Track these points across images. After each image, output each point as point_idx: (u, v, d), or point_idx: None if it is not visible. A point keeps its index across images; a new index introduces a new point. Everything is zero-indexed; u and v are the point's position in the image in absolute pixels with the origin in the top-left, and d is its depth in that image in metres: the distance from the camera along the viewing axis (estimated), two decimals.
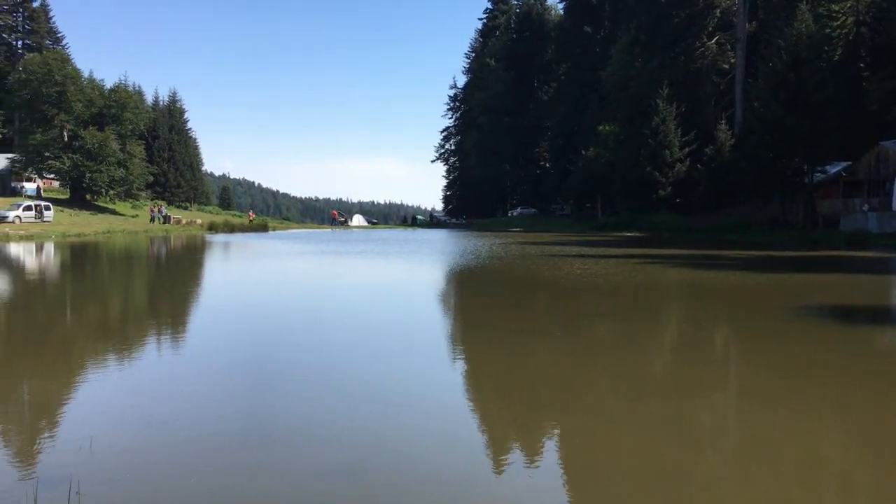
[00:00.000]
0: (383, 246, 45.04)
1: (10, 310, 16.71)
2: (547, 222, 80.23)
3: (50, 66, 70.08)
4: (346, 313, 16.02)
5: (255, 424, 7.36)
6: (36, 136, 69.29)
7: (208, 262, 34.11)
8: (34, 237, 47.08)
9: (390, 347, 11.75)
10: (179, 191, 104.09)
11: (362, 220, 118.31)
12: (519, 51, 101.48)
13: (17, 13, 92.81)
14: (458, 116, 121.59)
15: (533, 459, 6.49)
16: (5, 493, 5.43)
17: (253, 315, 15.70)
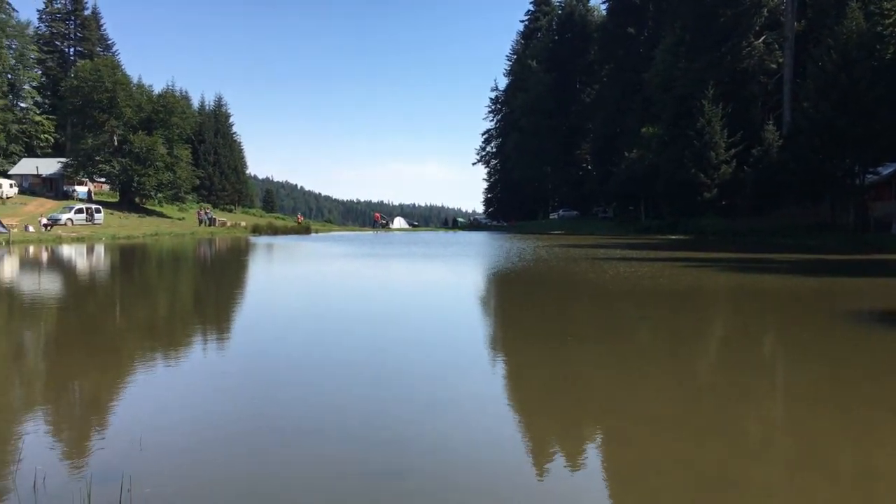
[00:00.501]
0: (427, 248, 45.14)
1: (64, 310, 17.15)
2: (589, 225, 79.50)
3: (100, 73, 71.87)
4: (391, 314, 16.06)
5: (300, 424, 7.42)
6: (87, 141, 71.12)
7: (254, 264, 34.58)
8: (85, 239, 48.28)
9: (435, 349, 11.73)
10: (224, 194, 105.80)
11: (403, 222, 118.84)
12: (561, 52, 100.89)
13: (70, 21, 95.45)
14: (500, 119, 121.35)
15: (576, 463, 6.41)
16: (61, 487, 5.56)
17: (299, 316, 15.84)
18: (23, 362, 11.28)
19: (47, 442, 6.89)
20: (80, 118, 73.41)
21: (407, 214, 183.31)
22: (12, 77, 79.98)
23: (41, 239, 44.96)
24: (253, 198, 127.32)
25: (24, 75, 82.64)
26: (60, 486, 5.59)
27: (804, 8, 67.68)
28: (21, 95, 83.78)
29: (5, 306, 17.44)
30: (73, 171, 73.56)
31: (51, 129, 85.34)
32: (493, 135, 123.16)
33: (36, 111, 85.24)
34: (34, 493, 5.44)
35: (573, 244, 47.17)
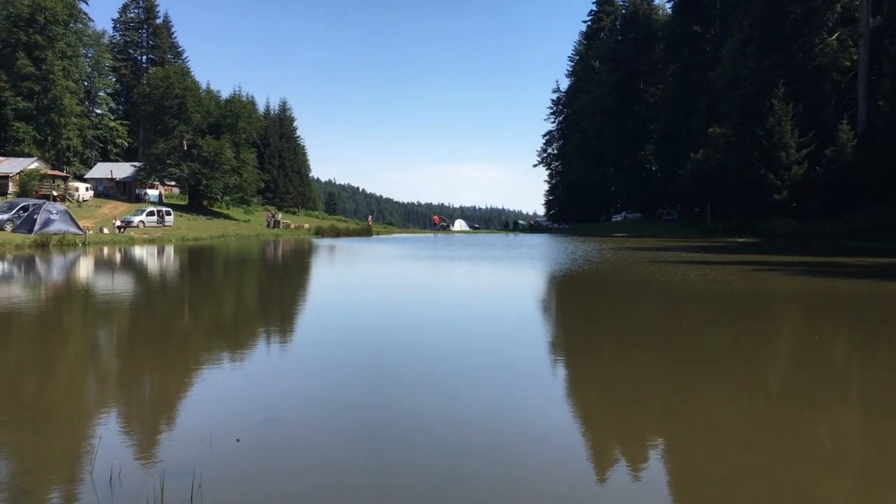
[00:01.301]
0: (490, 250, 45.07)
1: (136, 308, 17.67)
2: (652, 227, 78.06)
3: (170, 80, 74.14)
4: (457, 316, 16.04)
5: (366, 424, 7.44)
6: (158, 145, 73.43)
7: (318, 266, 35.08)
8: (156, 241, 49.79)
9: (496, 350, 11.65)
10: (288, 196, 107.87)
11: (464, 224, 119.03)
12: (624, 52, 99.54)
13: (143, 30, 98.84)
14: (561, 120, 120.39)
15: (637, 470, 6.27)
16: (135, 482, 5.68)
17: (364, 317, 15.96)
18: (98, 360, 11.65)
19: (122, 438, 7.06)
20: (151, 124, 75.85)
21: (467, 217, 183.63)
22: (89, 84, 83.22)
23: (115, 240, 46.55)
24: (315, 200, 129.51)
25: (99, 83, 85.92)
26: (135, 481, 5.72)
27: (880, 3, 65.06)
28: (97, 102, 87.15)
29: (81, 305, 18.07)
30: (144, 175, 76.00)
31: (124, 135, 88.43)
32: (554, 136, 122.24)
33: (111, 117, 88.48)
34: (110, 486, 5.58)
35: (638, 247, 46.38)
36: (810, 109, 64.29)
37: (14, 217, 42.79)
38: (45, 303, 18.41)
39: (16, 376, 9.93)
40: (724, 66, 70.30)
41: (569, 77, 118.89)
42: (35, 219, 42.05)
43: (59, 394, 9.17)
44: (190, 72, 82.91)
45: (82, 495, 5.47)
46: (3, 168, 61.65)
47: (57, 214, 43.72)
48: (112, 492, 5.49)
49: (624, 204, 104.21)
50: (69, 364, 11.13)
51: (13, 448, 6.71)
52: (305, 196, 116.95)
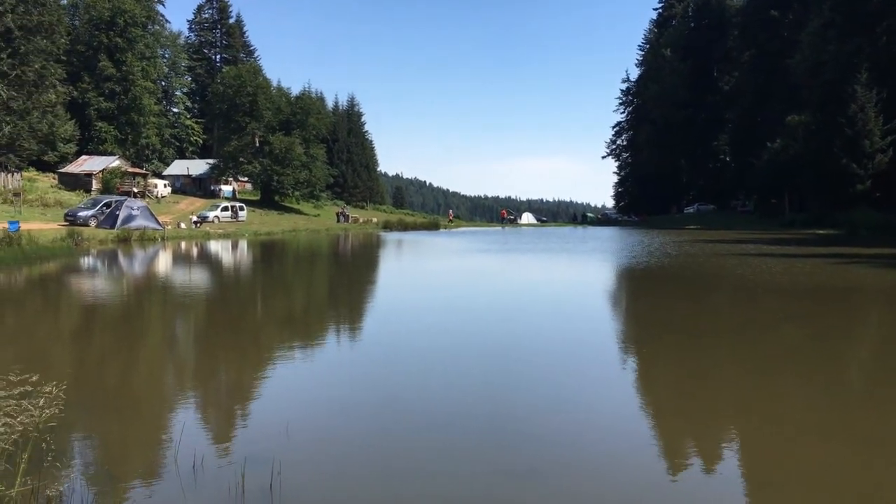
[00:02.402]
0: (563, 244, 44.65)
1: (212, 301, 18.14)
2: (727, 219, 75.74)
3: (243, 79, 75.90)
4: (526, 309, 15.89)
5: (438, 415, 7.43)
6: (232, 142, 75.29)
7: (389, 259, 35.37)
8: (230, 235, 51.10)
9: (568, 343, 11.48)
10: (356, 191, 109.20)
11: (531, 217, 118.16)
12: (697, 40, 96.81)
13: (216, 30, 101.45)
14: (631, 111, 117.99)
15: (712, 468, 6.12)
16: (216, 469, 5.80)
17: (435, 309, 15.97)
18: (177, 351, 11.97)
19: (203, 426, 7.22)
20: (225, 121, 77.84)
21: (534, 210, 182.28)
22: (166, 84, 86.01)
23: (191, 235, 47.97)
24: (383, 195, 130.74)
25: (176, 82, 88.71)
26: (216, 468, 5.83)
27: None
28: (173, 101, 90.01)
29: (161, 298, 18.64)
30: (219, 172, 78.09)
31: (199, 133, 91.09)
32: (624, 127, 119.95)
33: (186, 116, 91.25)
34: (193, 472, 5.69)
35: (715, 239, 45.14)
36: (895, 95, 61.20)
37: (98, 213, 44.55)
38: (127, 296, 19.07)
39: (101, 366, 10.28)
40: (804, 52, 67.54)
41: (639, 66, 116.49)
42: (117, 215, 43.70)
43: (141, 383, 9.44)
44: (261, 70, 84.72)
45: (168, 481, 5.60)
46: (87, 166, 64.32)
47: (138, 210, 45.35)
48: (195, 478, 5.60)
49: (696, 195, 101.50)
50: (150, 355, 11.47)
51: (100, 435, 6.92)
52: (373, 190, 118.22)
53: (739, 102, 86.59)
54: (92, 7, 72.27)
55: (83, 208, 45.70)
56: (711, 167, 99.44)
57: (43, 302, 17.77)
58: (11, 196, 49.02)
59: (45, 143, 62.90)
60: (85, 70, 71.32)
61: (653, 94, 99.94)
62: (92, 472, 5.87)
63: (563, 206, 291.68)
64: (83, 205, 47.29)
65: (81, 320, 14.68)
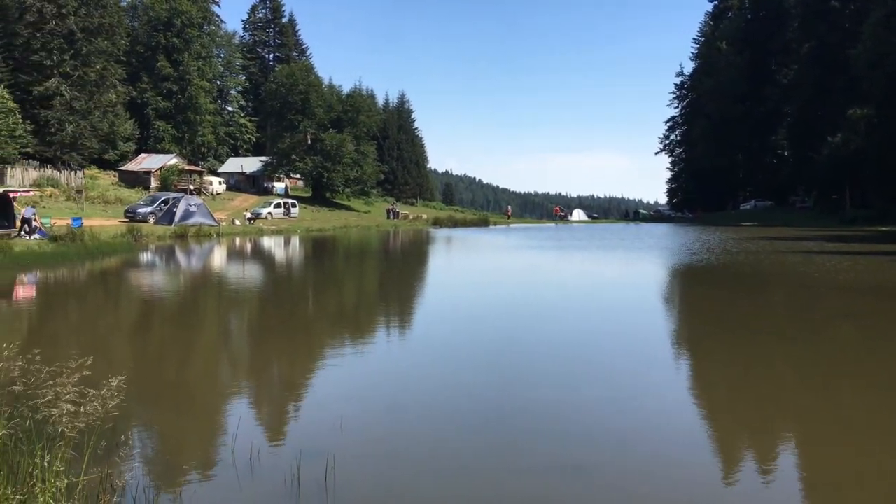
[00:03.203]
0: (618, 240, 44.18)
1: (266, 296, 18.41)
2: (785, 215, 73.73)
3: (295, 77, 76.88)
4: (583, 307, 15.73)
5: (490, 414, 7.40)
6: (284, 140, 76.38)
7: (440, 255, 35.43)
8: (283, 231, 51.86)
9: (623, 341, 11.31)
10: (406, 187, 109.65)
11: (582, 214, 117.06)
12: (754, 32, 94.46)
13: (270, 29, 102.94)
14: (685, 105, 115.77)
15: (768, 469, 5.99)
16: (272, 462, 5.88)
17: (486, 306, 15.91)
18: (234, 345, 12.18)
19: (259, 419, 7.32)
20: (278, 119, 78.97)
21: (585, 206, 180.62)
22: (221, 83, 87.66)
23: (246, 231, 48.82)
24: (433, 191, 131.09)
25: (230, 81, 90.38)
26: (272, 461, 5.90)
27: None
28: (228, 100, 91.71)
29: (217, 293, 19.00)
30: (272, 169, 79.28)
31: (253, 131, 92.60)
32: (677, 122, 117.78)
33: (241, 114, 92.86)
34: (250, 464, 5.77)
35: (774, 236, 44.04)
36: None
37: (156, 210, 45.66)
38: (184, 290, 19.49)
39: (159, 358, 10.51)
40: (866, 43, 65.25)
41: (693, 60, 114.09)
42: (175, 211, 44.72)
43: (198, 376, 9.62)
44: (313, 68, 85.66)
45: (225, 472, 5.68)
46: (145, 164, 65.98)
47: (195, 207, 46.34)
48: (252, 470, 5.67)
49: (753, 191, 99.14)
50: (207, 348, 11.69)
51: (159, 426, 7.07)
52: (423, 187, 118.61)
53: (798, 95, 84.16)
54: (150, 8, 74.08)
55: (142, 205, 46.91)
56: (769, 162, 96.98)
57: (104, 296, 18.28)
58: (74, 193, 50.61)
59: (106, 142, 64.81)
60: (144, 70, 73.15)
61: (708, 88, 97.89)
62: (153, 461, 5.99)
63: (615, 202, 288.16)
64: (142, 202, 48.55)
65: (141, 314, 15.05)
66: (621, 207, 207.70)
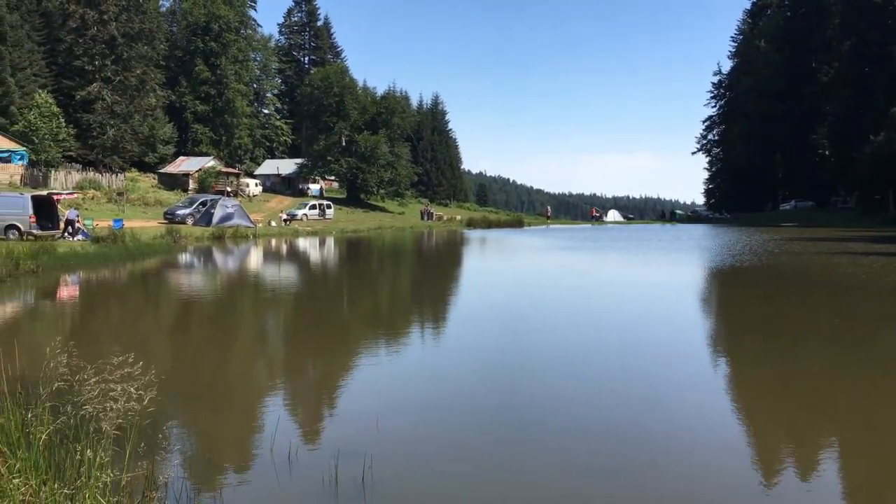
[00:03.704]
0: (656, 241, 43.75)
1: (300, 296, 18.56)
2: (826, 216, 72.26)
3: (330, 80, 77.48)
4: (621, 309, 15.58)
5: (525, 413, 7.38)
6: (319, 142, 77.05)
7: (474, 256, 35.39)
8: (318, 233, 52.29)
9: (661, 345, 11.17)
10: (440, 189, 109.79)
11: (617, 215, 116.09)
12: (793, 29, 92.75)
13: (305, 32, 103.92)
14: (723, 104, 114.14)
15: (808, 474, 5.90)
16: (310, 461, 5.92)
17: (520, 307, 15.85)
18: (271, 344, 12.29)
19: (297, 418, 7.36)
20: (313, 122, 79.70)
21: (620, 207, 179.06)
22: (257, 86, 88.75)
23: (281, 232, 49.31)
24: (467, 192, 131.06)
25: (266, 84, 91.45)
26: (310, 459, 5.94)
27: None
28: (264, 103, 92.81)
29: (253, 292, 19.20)
30: (307, 171, 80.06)
31: (288, 133, 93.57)
32: (715, 121, 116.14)
33: (276, 116, 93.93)
34: (288, 463, 5.81)
35: (816, 237, 43.20)
36: None
37: (194, 212, 46.37)
38: (222, 290, 19.74)
39: (197, 357, 10.64)
40: None
41: (731, 58, 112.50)
42: (212, 213, 45.36)
43: (236, 375, 9.72)
44: (348, 71, 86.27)
45: (264, 471, 5.73)
46: (184, 167, 67.10)
47: (232, 209, 46.96)
48: (290, 469, 5.71)
49: (793, 192, 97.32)
50: (244, 347, 11.81)
51: (199, 424, 7.15)
52: (457, 188, 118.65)
53: (839, 93, 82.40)
54: (189, 13, 75.28)
55: (181, 207, 47.67)
56: (809, 162, 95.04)
57: (145, 296, 18.60)
58: (116, 195, 51.62)
59: (145, 145, 66.06)
60: (182, 74, 74.36)
61: (746, 87, 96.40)
62: (193, 459, 6.06)
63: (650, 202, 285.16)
64: (181, 203, 49.33)
65: (180, 313, 15.28)
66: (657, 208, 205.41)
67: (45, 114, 52.30)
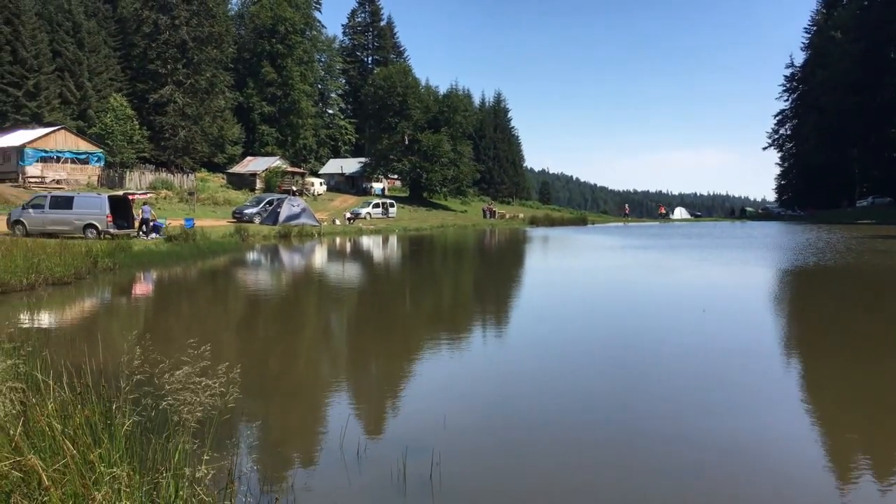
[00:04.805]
0: (729, 239, 42.80)
1: (368, 294, 18.75)
2: None
3: (393, 80, 78.13)
4: (693, 310, 15.26)
5: (589, 415, 7.31)
6: (382, 141, 77.82)
7: (541, 255, 35.18)
8: (381, 231, 52.80)
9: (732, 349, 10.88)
10: (503, 186, 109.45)
11: (684, 212, 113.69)
12: (871, 19, 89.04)
13: (368, 32, 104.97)
14: (795, 98, 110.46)
15: (885, 478, 5.71)
16: (378, 457, 5.98)
17: (593, 309, 15.67)
18: (338, 341, 12.45)
19: (366, 415, 7.44)
20: (376, 121, 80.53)
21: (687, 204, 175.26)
22: (322, 87, 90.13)
23: (345, 231, 49.99)
24: (529, 190, 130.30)
25: (331, 85, 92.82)
26: (378, 455, 5.99)
27: None
28: (328, 103, 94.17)
29: (320, 290, 19.50)
30: (370, 170, 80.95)
31: (352, 132, 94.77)
32: (787, 116, 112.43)
33: (340, 116, 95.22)
34: (357, 458, 5.87)
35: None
36: None
37: (261, 211, 47.43)
38: (290, 288, 20.12)
39: (267, 353, 10.86)
40: None
41: (804, 50, 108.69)
42: (278, 212, 46.30)
43: (305, 371, 9.88)
44: (410, 70, 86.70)
45: (334, 465, 5.81)
46: (251, 167, 68.68)
47: (298, 208, 47.83)
48: (359, 464, 5.77)
49: (870, 188, 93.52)
50: (312, 344, 12.00)
51: (270, 419, 7.29)
52: (519, 186, 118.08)
53: None
54: (256, 16, 76.94)
55: (248, 206, 48.79)
56: (887, 157, 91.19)
57: (216, 293, 19.10)
58: (187, 195, 53.18)
59: (215, 146, 67.88)
60: (249, 76, 76.05)
61: (820, 80, 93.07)
62: (266, 452, 6.19)
63: (718, 200, 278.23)
64: (248, 203, 50.49)
65: (250, 310, 15.63)
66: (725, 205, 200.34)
67: (121, 116, 54.26)
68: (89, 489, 3.47)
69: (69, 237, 25.85)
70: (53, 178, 48.73)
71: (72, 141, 50.79)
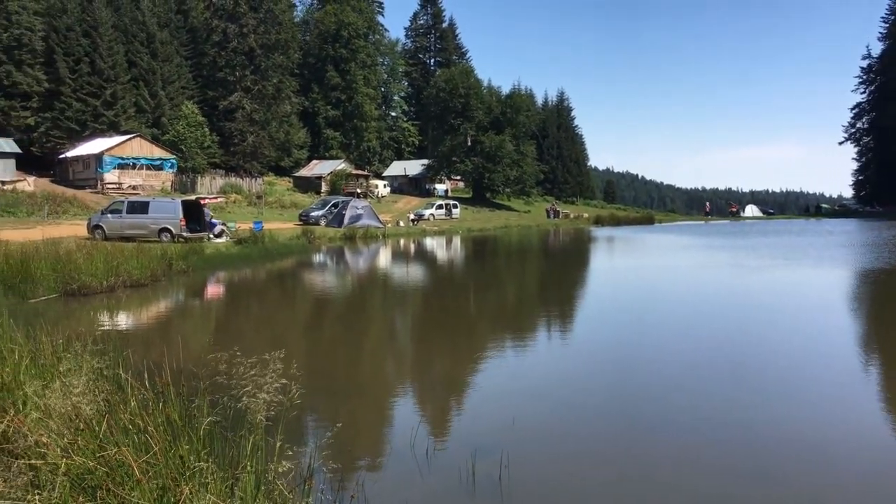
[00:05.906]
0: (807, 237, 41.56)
1: (433, 295, 18.84)
2: None
3: (455, 81, 78.35)
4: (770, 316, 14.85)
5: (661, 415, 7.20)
6: (445, 143, 78.13)
7: (606, 256, 34.75)
8: (445, 232, 52.99)
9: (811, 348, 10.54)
10: (566, 186, 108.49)
11: (756, 210, 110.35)
12: None
13: (430, 35, 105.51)
14: (873, 90, 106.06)
15: None
16: (447, 458, 6.01)
17: (663, 311, 15.41)
18: (405, 341, 12.55)
19: (435, 415, 7.50)
20: (438, 123, 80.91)
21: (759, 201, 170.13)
22: (385, 90, 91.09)
23: (409, 232, 50.35)
24: (593, 189, 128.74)
25: (394, 87, 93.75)
26: (448, 456, 6.02)
27: None
28: (391, 105, 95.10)
29: (386, 291, 19.69)
30: (433, 171, 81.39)
31: (415, 134, 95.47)
32: (864, 108, 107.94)
33: (403, 119, 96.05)
34: (427, 458, 5.91)
35: None
36: None
37: (327, 213, 48.21)
38: (356, 289, 20.38)
39: (335, 352, 11.02)
40: None
41: (882, 40, 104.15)
42: (343, 214, 46.98)
43: (373, 371, 9.99)
44: (473, 71, 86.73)
45: (405, 465, 5.86)
46: (317, 170, 69.95)
47: (362, 210, 48.45)
48: (429, 464, 5.80)
49: None
50: (380, 344, 12.12)
51: (340, 419, 7.39)
52: (583, 185, 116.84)
53: None
54: (320, 22, 78.28)
55: (314, 209, 49.64)
56: None
57: (285, 295, 19.49)
58: (255, 199, 54.48)
59: (281, 150, 69.38)
60: (314, 81, 77.42)
61: None
62: (336, 452, 6.27)
63: (791, 196, 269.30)
64: (314, 205, 51.37)
65: (318, 311, 15.90)
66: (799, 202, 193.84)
67: (192, 123, 56.00)
68: (178, 482, 3.59)
69: (145, 241, 26.80)
70: (130, 185, 50.62)
71: (147, 148, 52.64)
